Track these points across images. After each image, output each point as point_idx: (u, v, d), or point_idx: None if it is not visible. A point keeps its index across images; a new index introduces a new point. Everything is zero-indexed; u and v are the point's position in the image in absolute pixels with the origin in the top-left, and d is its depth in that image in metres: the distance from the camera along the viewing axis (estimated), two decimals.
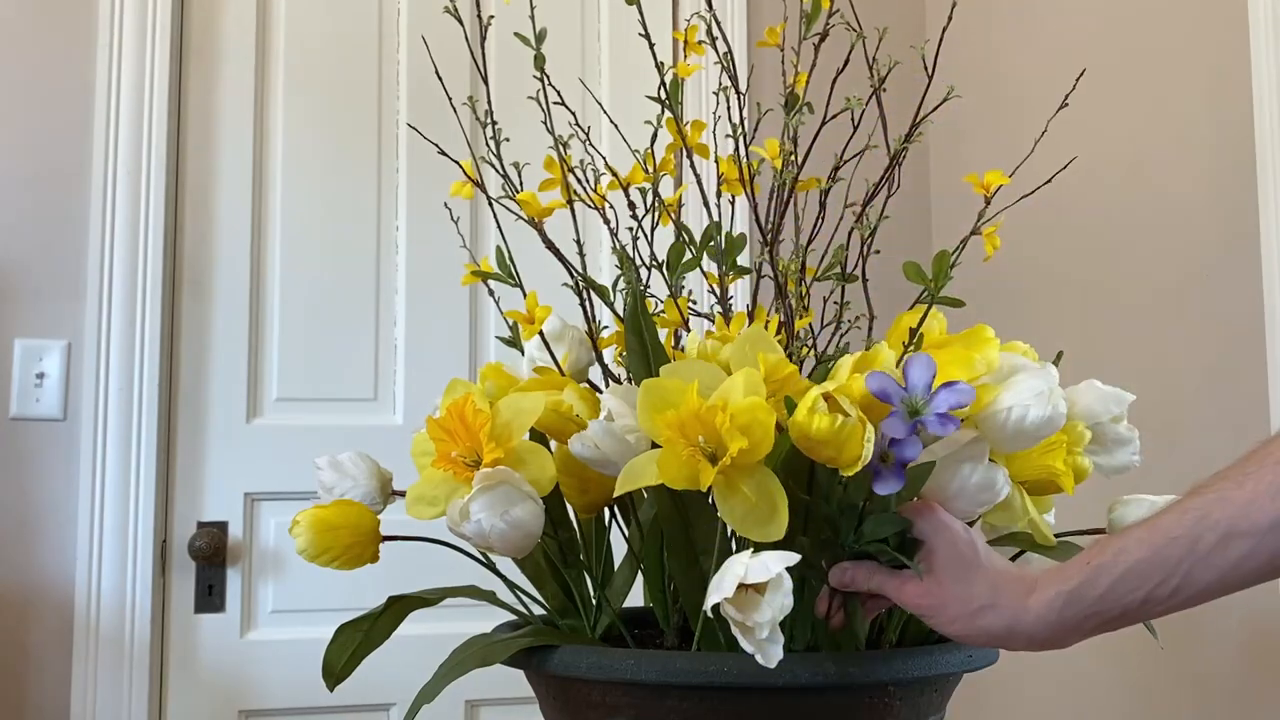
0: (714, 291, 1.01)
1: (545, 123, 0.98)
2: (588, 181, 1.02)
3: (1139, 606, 0.72)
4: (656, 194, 1.02)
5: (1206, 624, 1.54)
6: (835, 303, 1.00)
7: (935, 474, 0.78)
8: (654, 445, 0.77)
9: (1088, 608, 0.73)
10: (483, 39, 0.99)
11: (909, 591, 0.77)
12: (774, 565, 0.69)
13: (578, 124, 1.01)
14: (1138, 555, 0.71)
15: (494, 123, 0.98)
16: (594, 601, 0.91)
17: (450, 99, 1.04)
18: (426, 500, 0.83)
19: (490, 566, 0.90)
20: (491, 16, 0.98)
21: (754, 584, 0.70)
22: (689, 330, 0.99)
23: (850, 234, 0.97)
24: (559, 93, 0.99)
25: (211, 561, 1.91)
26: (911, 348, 0.87)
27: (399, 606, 0.90)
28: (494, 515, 0.78)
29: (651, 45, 0.99)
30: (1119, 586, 0.72)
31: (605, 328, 1.00)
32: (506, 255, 0.97)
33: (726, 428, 0.72)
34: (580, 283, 0.98)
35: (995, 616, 0.75)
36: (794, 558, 0.70)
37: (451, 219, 1.13)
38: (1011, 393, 0.79)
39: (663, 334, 0.95)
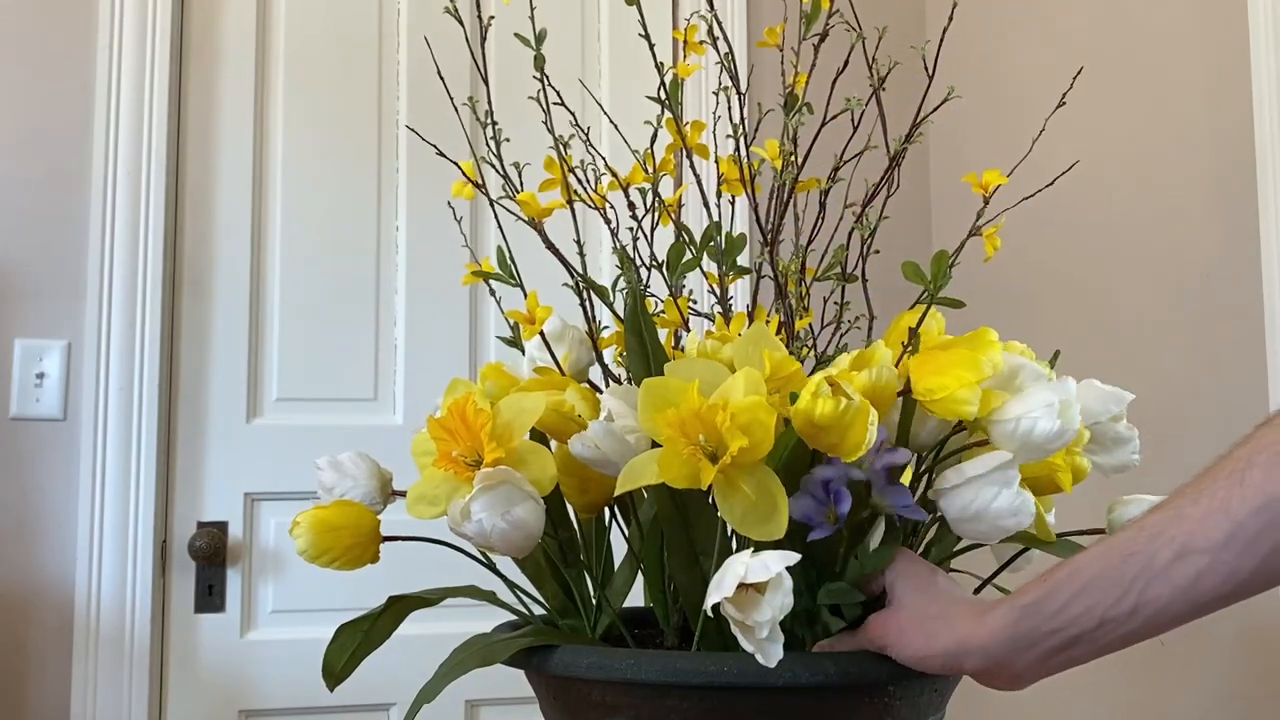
0: (714, 291, 1.01)
1: (545, 123, 0.98)
2: (588, 182, 1.02)
3: (1096, 628, 0.70)
4: (656, 194, 1.02)
5: (1208, 625, 1.54)
6: (835, 303, 1.00)
7: (957, 493, 0.77)
8: (654, 445, 0.77)
9: (1043, 623, 0.71)
10: (483, 39, 0.99)
11: (872, 627, 0.77)
12: (774, 565, 0.69)
13: (578, 124, 1.01)
14: (1093, 571, 0.70)
15: (494, 123, 0.98)
16: (594, 601, 0.91)
17: (451, 99, 1.04)
18: (427, 500, 0.83)
19: (490, 566, 0.90)
20: (492, 17, 0.98)
21: (754, 583, 0.70)
22: (689, 330, 0.99)
23: (850, 234, 0.97)
24: (559, 93, 0.99)
25: (211, 561, 1.91)
26: (910, 348, 0.87)
27: (399, 606, 0.89)
28: (495, 515, 0.78)
29: (651, 45, 0.99)
30: (1074, 604, 0.70)
31: (605, 328, 1.00)
32: (507, 255, 0.97)
33: (727, 426, 0.72)
34: (580, 283, 0.98)
35: (948, 632, 0.74)
36: (794, 557, 0.70)
37: (454, 218, 1.13)
38: (1021, 403, 0.78)
39: (663, 334, 0.95)
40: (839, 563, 0.80)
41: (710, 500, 0.79)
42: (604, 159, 1.04)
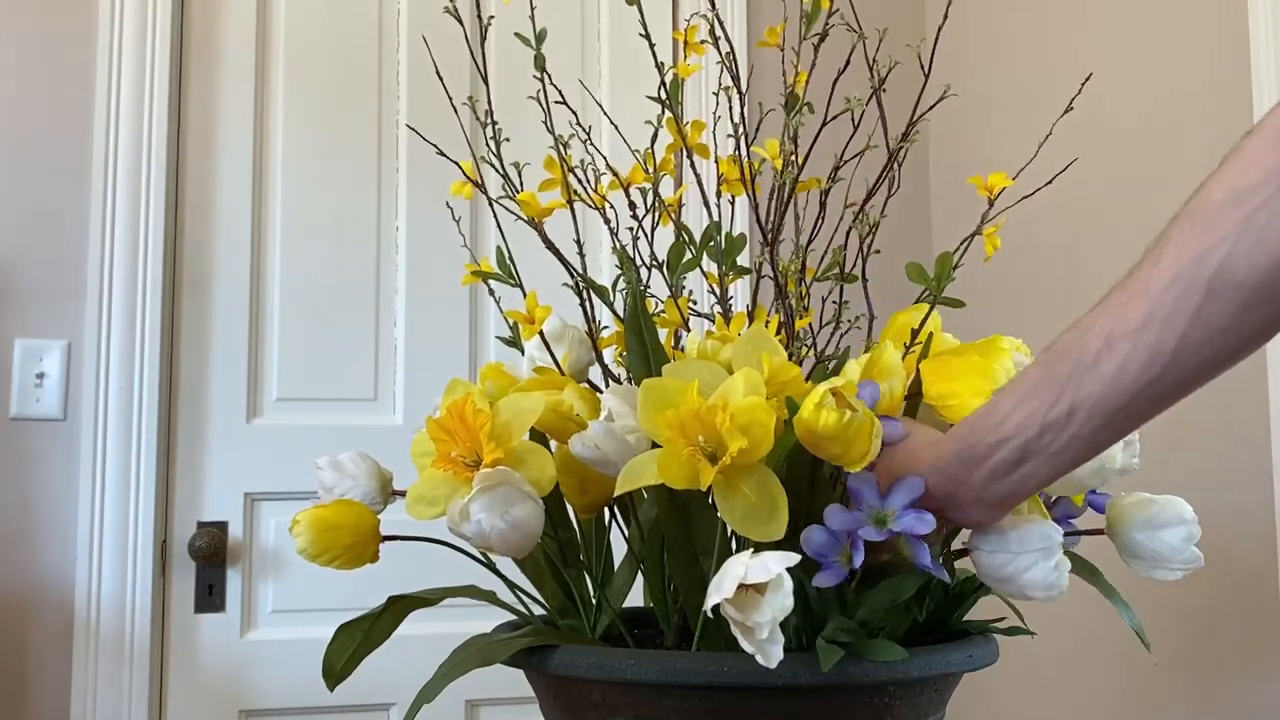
0: (714, 291, 1.01)
1: (545, 123, 0.98)
2: (588, 181, 1.02)
3: (1039, 435, 0.66)
4: (656, 194, 1.02)
5: (1206, 626, 1.54)
6: (835, 303, 1.00)
7: (993, 555, 0.76)
8: (654, 445, 0.77)
9: (987, 435, 0.68)
10: (483, 39, 0.99)
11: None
12: (774, 565, 0.69)
13: (578, 124, 1.01)
14: (1034, 376, 0.67)
15: (494, 123, 0.98)
16: (594, 601, 0.91)
17: (451, 99, 1.04)
18: (427, 500, 0.83)
19: (490, 566, 0.90)
20: (491, 16, 0.98)
21: (754, 584, 0.70)
22: (689, 330, 0.99)
23: (848, 234, 0.97)
24: (560, 92, 0.99)
25: (211, 561, 1.91)
26: (911, 349, 0.87)
27: (399, 606, 0.89)
28: (494, 515, 0.78)
29: (651, 45, 0.99)
30: (1016, 412, 0.67)
31: (605, 328, 1.00)
32: (507, 255, 0.97)
33: (726, 427, 0.72)
34: (580, 283, 0.98)
35: (910, 461, 0.73)
36: (794, 558, 0.70)
37: (453, 218, 1.13)
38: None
39: (663, 334, 0.95)
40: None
41: (710, 501, 0.79)
42: (604, 159, 1.04)
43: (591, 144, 1.05)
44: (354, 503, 0.89)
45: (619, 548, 0.93)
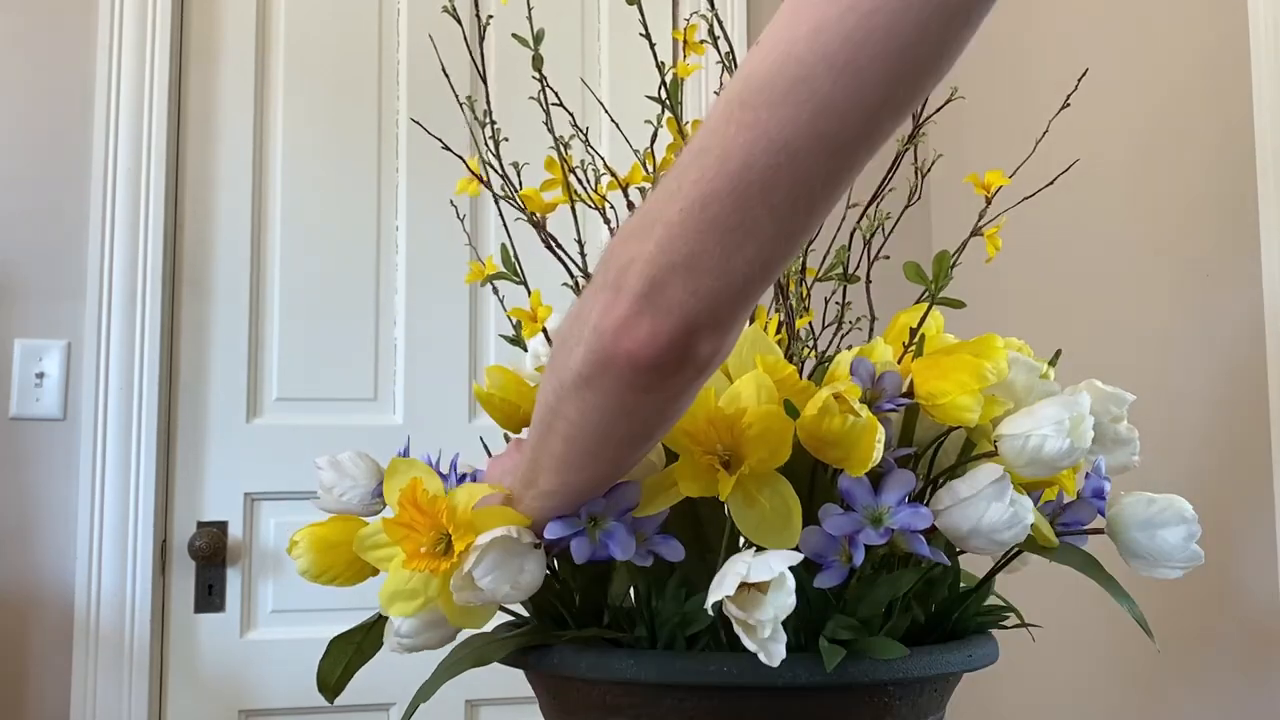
0: None
1: (545, 123, 0.98)
2: (588, 182, 1.02)
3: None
4: None
5: (1206, 625, 1.54)
6: (836, 303, 1.00)
7: (949, 513, 0.75)
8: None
9: None
10: (481, 39, 0.99)
11: None
12: (777, 564, 0.69)
13: (577, 125, 1.01)
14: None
15: (493, 123, 0.98)
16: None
17: (455, 93, 1.04)
18: (405, 595, 0.77)
19: None
20: (491, 16, 0.98)
21: (756, 583, 0.69)
22: None
23: (851, 234, 0.97)
24: (557, 94, 0.99)
25: (211, 561, 1.91)
26: (909, 348, 0.87)
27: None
28: (502, 582, 0.73)
29: (652, 45, 0.99)
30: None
31: None
32: (511, 253, 0.97)
33: (745, 435, 0.71)
34: (580, 282, 0.98)
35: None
36: (797, 557, 0.70)
37: (458, 216, 1.13)
38: (1031, 419, 0.76)
39: None
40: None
41: (714, 499, 0.79)
42: (604, 159, 1.04)
43: (591, 144, 1.05)
44: (353, 518, 0.88)
45: None
